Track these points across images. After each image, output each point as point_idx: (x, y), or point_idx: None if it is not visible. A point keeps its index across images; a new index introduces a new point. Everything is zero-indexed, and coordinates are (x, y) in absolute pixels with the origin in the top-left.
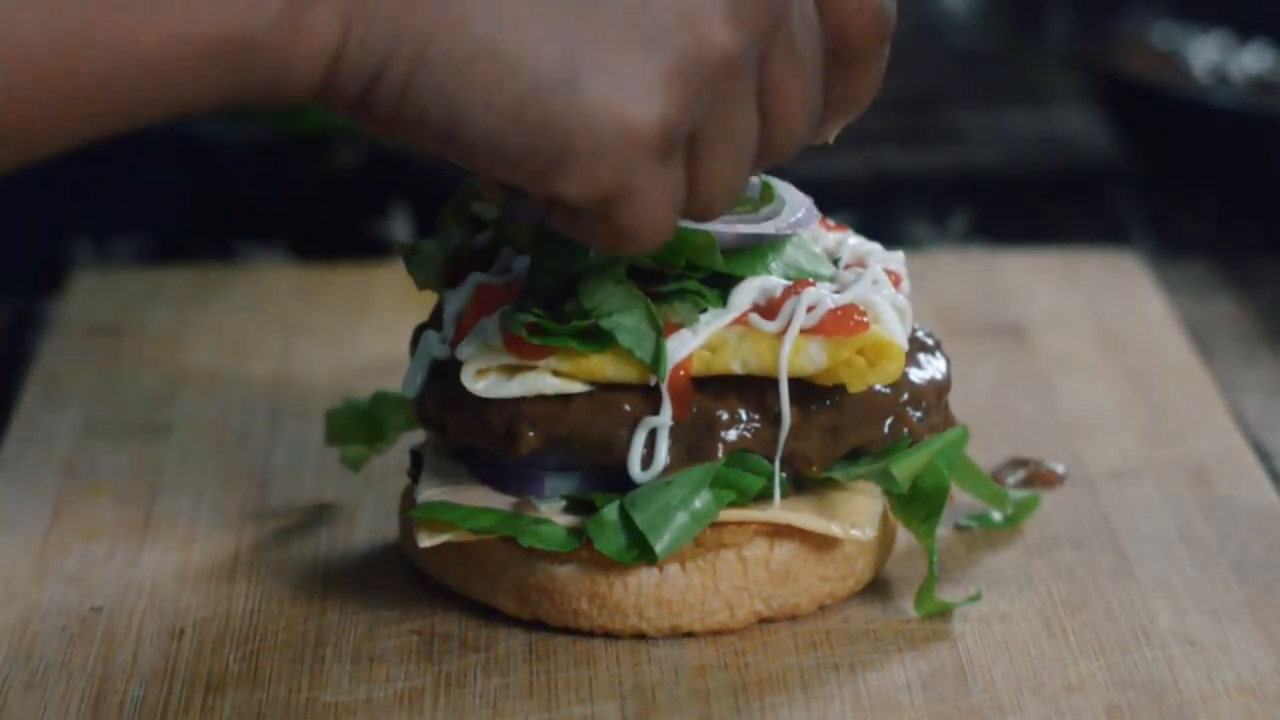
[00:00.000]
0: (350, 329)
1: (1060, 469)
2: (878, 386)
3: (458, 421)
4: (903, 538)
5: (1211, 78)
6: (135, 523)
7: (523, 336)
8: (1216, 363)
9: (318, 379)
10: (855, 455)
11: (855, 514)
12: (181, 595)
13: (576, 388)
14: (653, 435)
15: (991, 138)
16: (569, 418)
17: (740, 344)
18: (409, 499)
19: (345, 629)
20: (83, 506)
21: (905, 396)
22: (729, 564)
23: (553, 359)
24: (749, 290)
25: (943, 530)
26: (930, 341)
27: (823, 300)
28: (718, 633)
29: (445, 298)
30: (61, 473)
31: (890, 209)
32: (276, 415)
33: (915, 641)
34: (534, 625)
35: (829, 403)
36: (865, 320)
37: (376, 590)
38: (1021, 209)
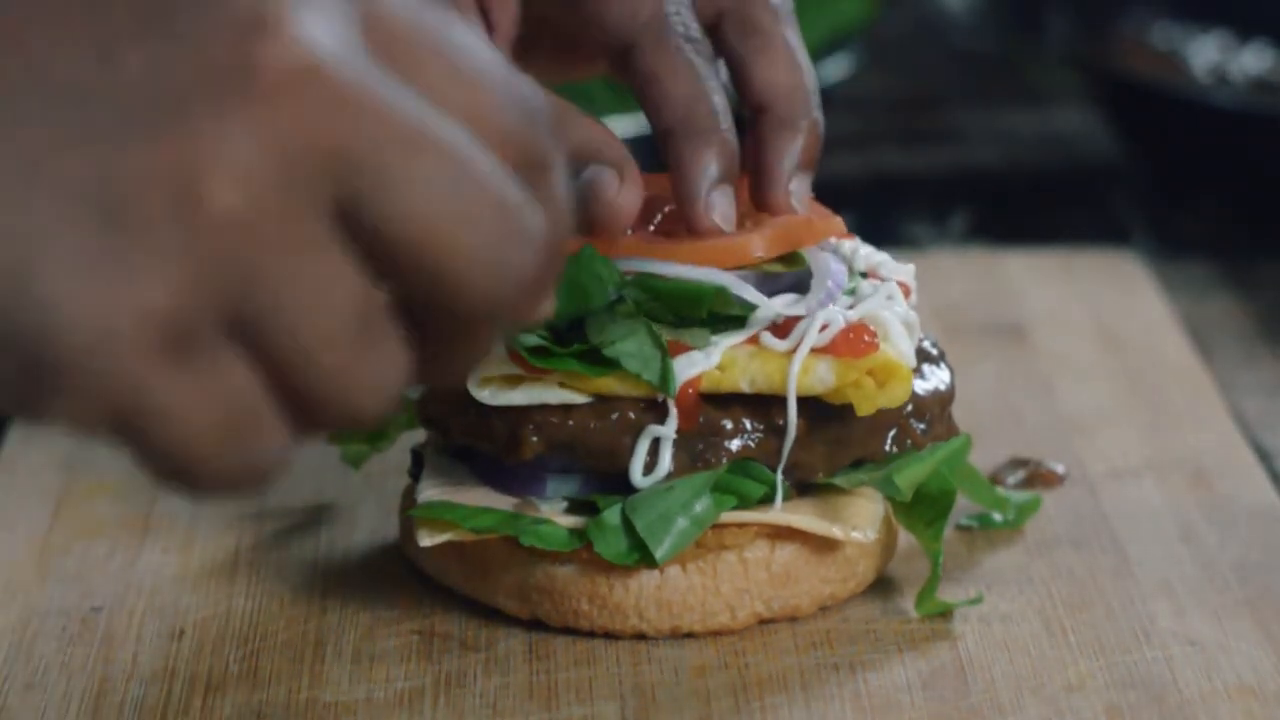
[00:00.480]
0: None
1: (1060, 469)
2: None
3: (461, 424)
4: (903, 538)
5: (1211, 78)
6: (135, 523)
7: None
8: (1216, 363)
9: None
10: (858, 463)
11: (857, 516)
12: (181, 595)
13: (582, 399)
14: (655, 443)
15: (991, 138)
16: (572, 424)
17: (750, 363)
18: (409, 498)
19: (345, 629)
20: (83, 506)
21: (909, 408)
22: (730, 565)
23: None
24: (767, 313)
25: (945, 530)
26: (934, 351)
27: (835, 319)
28: (718, 633)
29: None
30: (62, 472)
31: (890, 209)
32: None
33: (915, 641)
34: (534, 625)
35: (833, 415)
36: (875, 341)
37: (376, 590)
38: (1021, 209)
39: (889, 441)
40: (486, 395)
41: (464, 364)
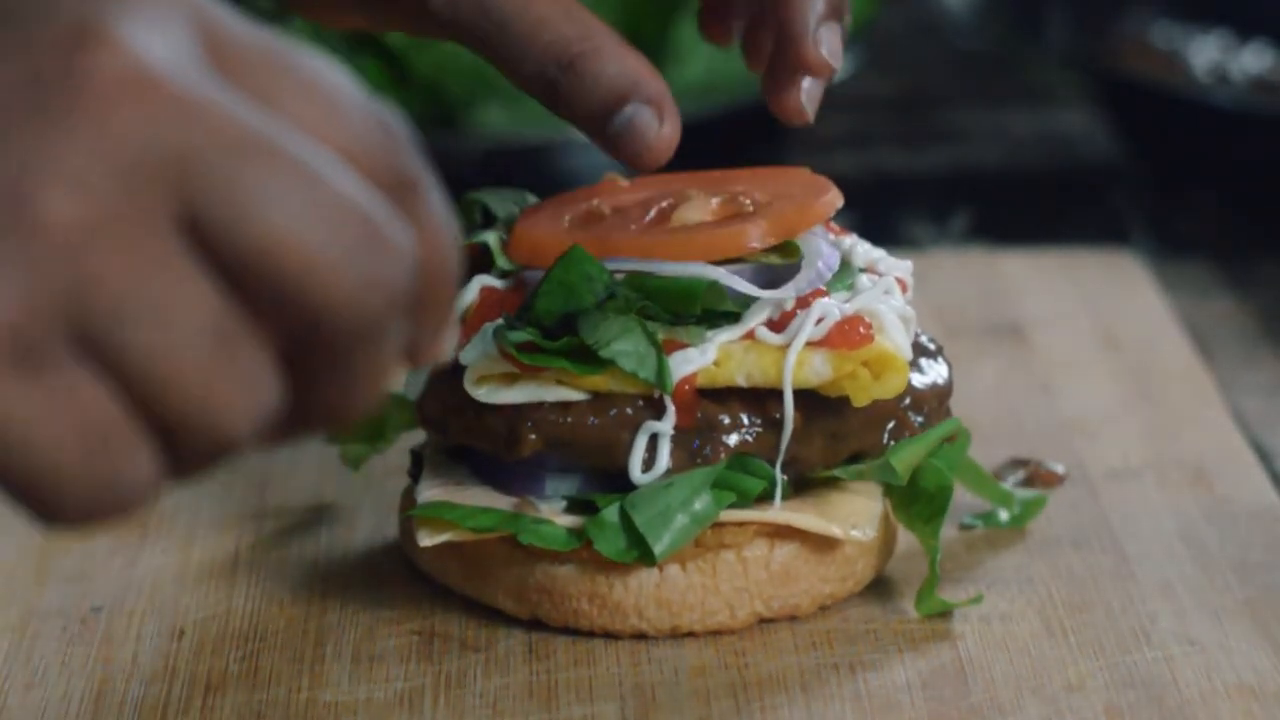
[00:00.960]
0: None
1: (1060, 469)
2: None
3: (459, 423)
4: (903, 538)
5: (1211, 78)
6: (135, 523)
7: (514, 355)
8: (1216, 363)
9: None
10: (856, 457)
11: (856, 515)
12: (181, 595)
13: (579, 396)
14: (654, 439)
15: (991, 138)
16: (571, 421)
17: (745, 356)
18: (409, 499)
19: (345, 629)
20: None
21: (907, 401)
22: (729, 565)
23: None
24: (762, 309)
25: (945, 530)
26: (932, 346)
27: (831, 312)
28: (718, 633)
29: None
30: None
31: (890, 209)
32: None
33: (915, 641)
34: (534, 625)
35: (831, 409)
36: (870, 333)
37: (376, 590)
38: (1021, 209)
39: (886, 434)
40: (484, 393)
41: (350, 398)
